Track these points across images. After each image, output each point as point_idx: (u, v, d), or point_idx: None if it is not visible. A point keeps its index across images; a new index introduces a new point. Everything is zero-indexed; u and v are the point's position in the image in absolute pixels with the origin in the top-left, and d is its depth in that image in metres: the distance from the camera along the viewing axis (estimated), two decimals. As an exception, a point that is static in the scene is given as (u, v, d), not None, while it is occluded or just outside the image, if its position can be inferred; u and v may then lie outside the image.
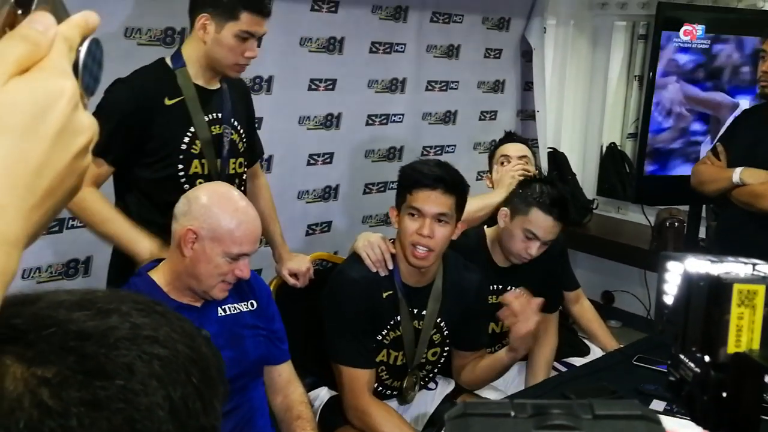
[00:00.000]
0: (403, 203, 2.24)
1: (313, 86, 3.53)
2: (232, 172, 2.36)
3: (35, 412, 0.53)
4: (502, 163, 2.93)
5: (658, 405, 2.16)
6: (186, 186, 2.24)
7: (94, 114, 0.59)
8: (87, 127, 0.57)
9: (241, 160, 2.41)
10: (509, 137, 3.13)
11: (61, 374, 0.54)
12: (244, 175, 2.44)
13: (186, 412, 0.59)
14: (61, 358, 0.55)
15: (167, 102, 2.24)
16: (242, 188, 2.38)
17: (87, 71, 0.58)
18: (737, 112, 3.47)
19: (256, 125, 2.59)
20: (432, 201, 2.18)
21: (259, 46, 2.29)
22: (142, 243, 2.16)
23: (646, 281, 4.49)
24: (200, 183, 2.21)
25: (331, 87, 3.58)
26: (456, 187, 2.22)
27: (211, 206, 1.87)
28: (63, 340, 0.56)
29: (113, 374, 0.56)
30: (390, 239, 2.33)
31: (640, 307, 4.60)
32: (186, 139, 2.26)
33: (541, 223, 2.43)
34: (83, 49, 0.58)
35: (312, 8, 3.43)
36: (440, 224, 2.20)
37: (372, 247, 2.27)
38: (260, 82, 3.31)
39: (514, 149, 2.98)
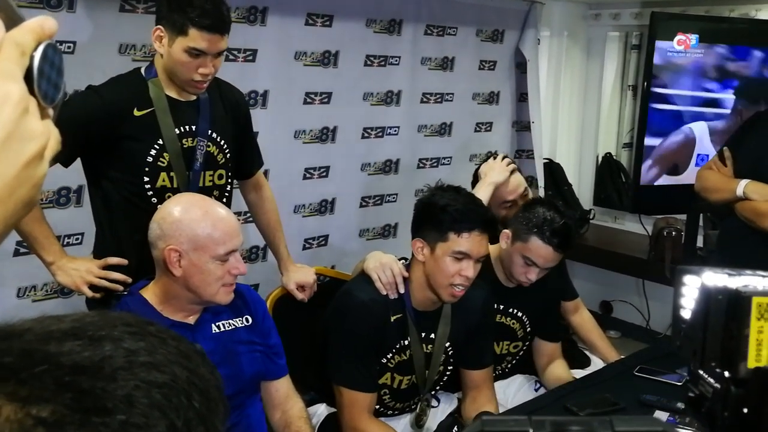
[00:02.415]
0: (442, 242, 2.15)
1: (309, 100, 3.52)
2: (209, 184, 2.28)
3: None
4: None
5: (660, 416, 2.14)
6: (154, 200, 2.19)
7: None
8: (39, 134, 0.55)
9: (221, 172, 2.33)
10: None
11: (57, 413, 0.51)
12: (228, 187, 2.37)
13: None
14: (57, 395, 0.52)
15: (136, 113, 2.18)
16: (224, 200, 2.32)
17: (44, 78, 0.56)
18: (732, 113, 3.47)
19: (250, 139, 2.53)
20: (480, 244, 2.15)
21: (221, 56, 2.18)
22: (50, 255, 2.19)
23: (645, 291, 4.48)
24: (168, 197, 2.14)
25: (326, 100, 3.57)
26: (495, 225, 2.23)
27: (182, 219, 1.85)
28: (57, 376, 0.53)
29: (113, 409, 0.53)
30: (400, 258, 2.30)
31: (639, 316, 4.59)
32: (153, 152, 2.20)
33: (541, 252, 2.40)
34: (38, 54, 0.55)
35: (306, 22, 3.43)
36: (479, 264, 2.19)
37: (384, 269, 2.22)
38: (255, 97, 3.30)
39: (514, 188, 2.89)
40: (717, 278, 0.72)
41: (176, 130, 2.23)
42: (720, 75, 3.99)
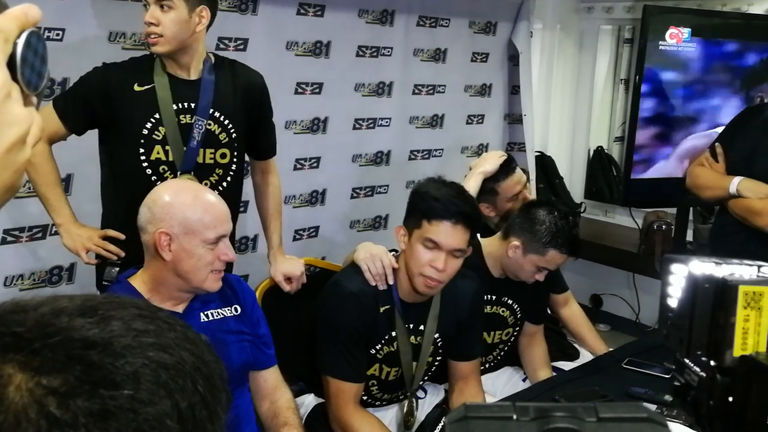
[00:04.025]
0: (417, 228, 2.15)
1: (300, 90, 3.50)
2: (209, 161, 2.35)
3: (43, 423, 0.51)
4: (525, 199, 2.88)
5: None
6: (149, 171, 2.29)
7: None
8: (22, 119, 0.55)
9: (224, 151, 2.37)
10: (508, 169, 2.97)
11: (67, 384, 0.53)
12: (234, 166, 2.40)
13: (193, 421, 0.57)
14: (68, 367, 0.53)
15: (137, 88, 2.28)
16: (228, 178, 2.38)
17: (27, 65, 0.56)
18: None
19: (264, 123, 2.54)
20: (451, 236, 2.11)
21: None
22: (59, 218, 2.32)
23: (635, 284, 4.49)
24: (164, 169, 2.29)
25: (317, 91, 3.56)
26: (476, 221, 2.18)
27: (173, 203, 1.86)
28: (68, 349, 0.54)
29: (121, 384, 0.54)
30: (391, 250, 2.29)
31: (628, 310, 4.60)
32: (149, 125, 2.28)
33: (557, 261, 2.48)
34: (21, 41, 0.56)
35: (298, 12, 3.41)
36: (454, 258, 2.14)
37: (374, 260, 2.21)
38: (246, 86, 3.28)
39: (518, 180, 2.94)
40: (704, 267, 0.71)
41: (174, 105, 2.30)
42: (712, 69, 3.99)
